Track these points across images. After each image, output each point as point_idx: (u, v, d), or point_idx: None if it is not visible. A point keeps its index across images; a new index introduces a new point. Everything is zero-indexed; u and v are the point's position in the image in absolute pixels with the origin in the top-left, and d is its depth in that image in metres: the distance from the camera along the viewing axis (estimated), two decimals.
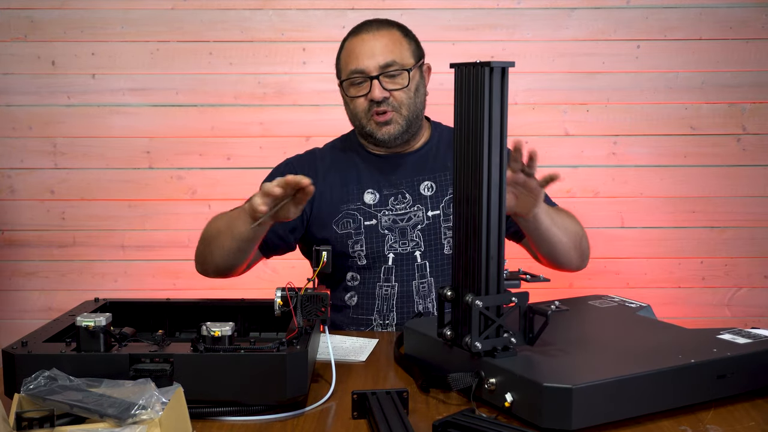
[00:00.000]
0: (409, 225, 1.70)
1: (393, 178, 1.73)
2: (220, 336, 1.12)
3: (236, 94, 2.54)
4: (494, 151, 1.13)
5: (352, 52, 1.68)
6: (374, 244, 1.70)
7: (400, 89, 1.66)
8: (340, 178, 1.75)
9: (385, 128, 1.68)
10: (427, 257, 1.70)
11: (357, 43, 1.68)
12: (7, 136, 2.55)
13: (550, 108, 2.55)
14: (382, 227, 1.70)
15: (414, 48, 1.71)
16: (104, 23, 2.51)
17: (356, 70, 1.66)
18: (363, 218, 1.71)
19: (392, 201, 1.72)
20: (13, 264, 2.60)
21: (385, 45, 1.66)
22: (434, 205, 1.72)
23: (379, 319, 1.70)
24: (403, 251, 1.70)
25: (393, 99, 1.66)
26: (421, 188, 1.72)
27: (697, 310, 2.61)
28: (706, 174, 2.57)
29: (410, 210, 1.71)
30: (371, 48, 1.66)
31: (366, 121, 1.69)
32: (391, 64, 1.65)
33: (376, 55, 1.65)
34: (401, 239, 1.70)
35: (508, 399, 1.06)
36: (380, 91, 1.64)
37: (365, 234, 1.70)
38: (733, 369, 1.13)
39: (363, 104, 1.68)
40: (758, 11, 2.51)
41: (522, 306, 1.16)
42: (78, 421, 0.94)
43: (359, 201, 1.72)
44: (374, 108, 1.66)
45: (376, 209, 1.71)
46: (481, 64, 1.13)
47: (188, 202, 2.57)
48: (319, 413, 1.13)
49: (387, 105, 1.66)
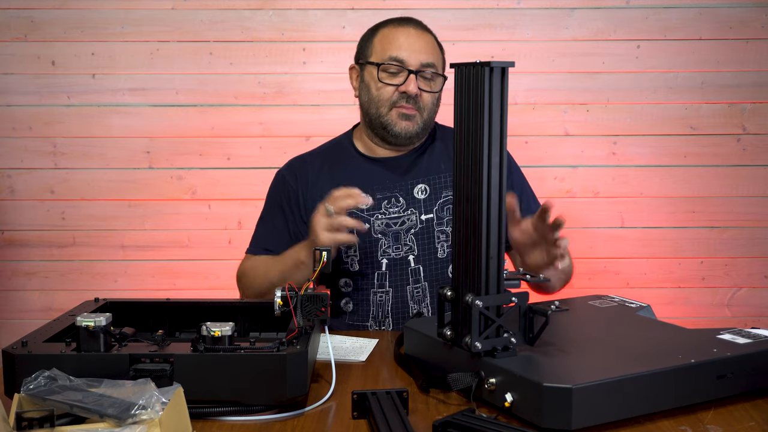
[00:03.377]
0: (402, 229, 1.68)
1: (386, 181, 1.71)
2: (220, 336, 1.12)
3: (236, 94, 2.54)
4: (494, 151, 1.13)
5: (395, 40, 1.67)
6: (367, 250, 1.68)
7: (430, 92, 1.67)
8: (331, 182, 1.71)
9: (405, 122, 1.67)
10: (421, 261, 1.68)
11: (401, 34, 1.67)
12: (7, 136, 2.55)
13: (550, 108, 2.55)
14: (375, 232, 1.69)
15: (443, 60, 1.74)
16: (104, 23, 2.51)
17: (397, 59, 1.65)
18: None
19: (385, 204, 1.70)
20: (13, 264, 2.60)
21: (427, 45, 1.67)
22: (428, 209, 1.70)
23: (375, 325, 1.68)
24: (397, 256, 1.68)
25: (421, 99, 1.67)
26: (415, 191, 1.71)
27: (697, 310, 2.61)
28: (706, 174, 2.57)
29: (404, 214, 1.69)
30: (415, 43, 1.66)
31: (387, 110, 1.67)
32: (432, 65, 1.66)
33: (420, 52, 1.65)
34: (395, 243, 1.68)
35: (508, 399, 1.06)
36: (415, 87, 1.64)
37: (358, 239, 1.67)
38: (733, 369, 1.13)
39: (390, 93, 1.66)
40: (758, 11, 2.51)
41: (522, 306, 1.16)
42: (78, 421, 0.93)
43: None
44: (402, 102, 1.65)
45: (369, 214, 1.69)
46: (481, 64, 1.12)
47: (188, 202, 2.57)
48: (319, 413, 1.13)
49: (414, 103, 1.66)
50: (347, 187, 1.49)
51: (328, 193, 1.68)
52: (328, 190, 1.70)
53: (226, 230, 2.58)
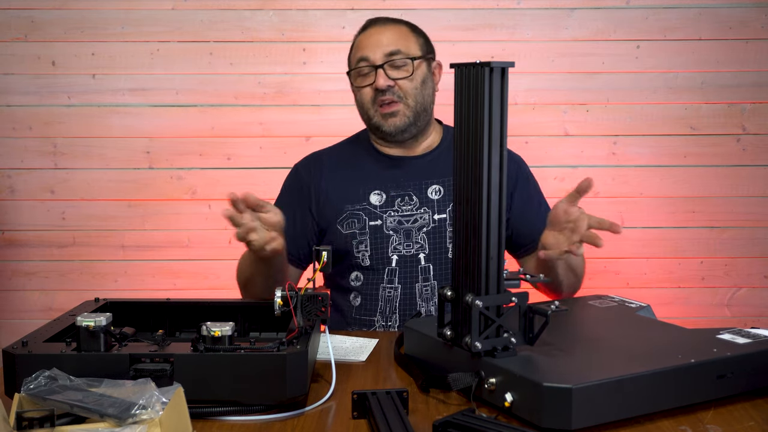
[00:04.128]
0: (414, 227, 1.69)
1: (401, 180, 1.73)
2: (220, 336, 1.12)
3: (236, 94, 2.54)
4: (494, 151, 1.13)
5: (360, 44, 1.71)
6: (378, 245, 1.70)
7: (404, 78, 1.67)
8: (346, 177, 1.74)
9: (391, 119, 1.68)
10: (431, 260, 1.69)
11: (365, 36, 1.71)
12: (7, 136, 2.55)
13: (550, 108, 2.55)
14: (387, 228, 1.70)
15: (422, 43, 1.73)
16: (104, 23, 2.51)
17: (362, 58, 1.68)
18: (368, 218, 1.70)
19: (398, 202, 1.71)
20: (13, 264, 2.60)
21: (390, 36, 1.69)
22: (441, 209, 1.71)
23: (382, 320, 1.69)
24: (407, 253, 1.69)
25: (398, 88, 1.67)
26: (429, 191, 1.72)
27: (697, 310, 2.61)
28: (706, 174, 2.57)
29: (416, 212, 1.70)
30: (378, 39, 1.68)
31: (373, 112, 1.69)
32: (395, 52, 1.66)
33: (382, 45, 1.67)
34: (406, 240, 1.69)
35: (508, 399, 1.06)
36: (384, 79, 1.65)
37: (370, 234, 1.70)
38: (733, 369, 1.13)
39: (369, 94, 1.68)
40: (758, 11, 2.51)
41: (522, 306, 1.16)
42: (78, 421, 0.93)
43: (365, 201, 1.71)
44: (380, 97, 1.66)
45: (382, 210, 1.71)
46: (481, 65, 1.12)
47: (188, 202, 2.57)
48: (319, 413, 1.13)
49: (392, 94, 1.66)
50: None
51: (340, 188, 1.71)
52: (342, 185, 1.73)
53: (226, 230, 2.57)
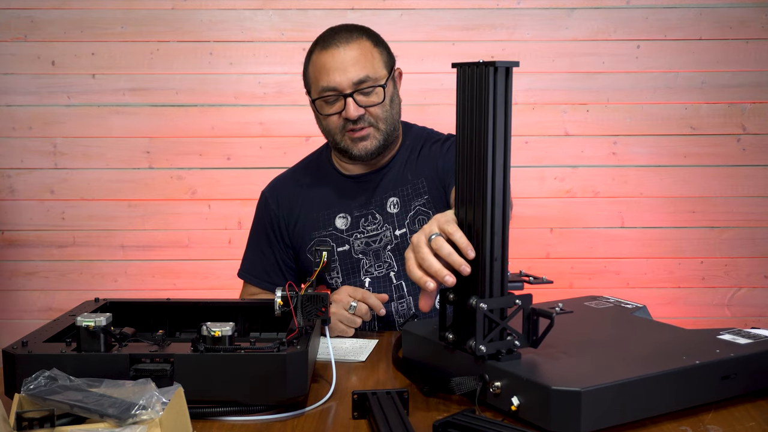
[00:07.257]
0: (380, 246, 1.64)
1: (363, 199, 1.67)
2: (220, 336, 1.12)
3: (236, 94, 2.54)
4: (498, 152, 1.12)
5: (323, 68, 1.57)
6: (350, 271, 1.65)
7: (375, 105, 1.58)
8: (311, 204, 1.69)
9: (361, 144, 1.59)
10: (402, 277, 1.64)
11: (327, 58, 1.57)
12: (7, 136, 2.55)
13: (550, 108, 2.55)
14: (356, 252, 1.65)
15: (386, 57, 1.62)
16: (104, 23, 2.51)
17: (328, 88, 1.56)
18: (336, 244, 1.65)
19: (363, 223, 1.65)
20: (13, 264, 2.60)
21: (356, 59, 1.56)
22: (400, 224, 1.65)
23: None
24: (379, 274, 1.64)
25: (369, 115, 1.58)
26: (388, 205, 1.65)
27: (697, 310, 2.61)
28: (706, 174, 2.57)
29: (381, 230, 1.65)
30: (342, 63, 1.55)
31: (341, 138, 1.61)
32: (364, 80, 1.55)
33: (348, 70, 1.55)
34: (376, 261, 1.64)
35: (515, 402, 1.05)
36: (356, 109, 1.56)
37: (339, 261, 1.65)
38: (736, 370, 1.12)
39: (337, 121, 1.59)
40: (758, 11, 2.51)
41: (525, 308, 1.15)
42: (78, 421, 0.93)
43: (330, 226, 1.66)
44: (350, 126, 1.58)
45: (348, 234, 1.65)
46: (485, 64, 1.10)
47: (188, 202, 2.57)
48: (319, 413, 1.12)
49: (363, 122, 1.58)
50: (377, 295, 1.51)
51: (308, 214, 1.67)
52: (307, 213, 1.68)
53: (226, 230, 2.58)
